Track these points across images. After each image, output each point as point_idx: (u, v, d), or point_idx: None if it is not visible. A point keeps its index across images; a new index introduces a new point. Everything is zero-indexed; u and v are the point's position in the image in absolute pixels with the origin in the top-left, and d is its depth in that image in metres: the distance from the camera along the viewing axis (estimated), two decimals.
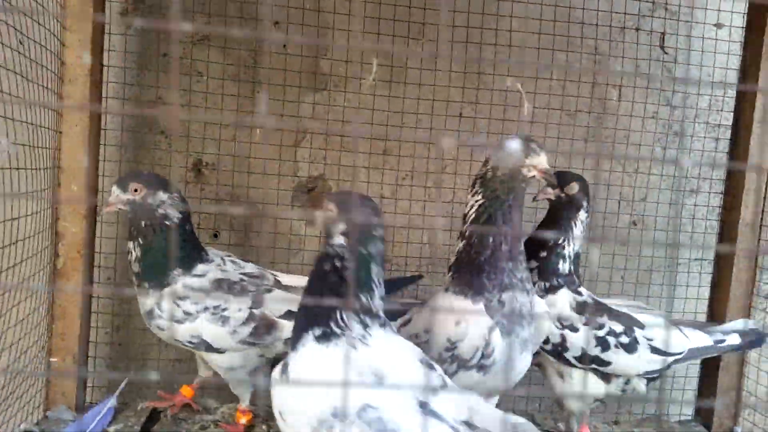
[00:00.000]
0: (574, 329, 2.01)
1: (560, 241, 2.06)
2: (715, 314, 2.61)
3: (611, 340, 2.01)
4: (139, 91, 2.45)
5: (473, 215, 1.71)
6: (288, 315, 1.96)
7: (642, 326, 2.06)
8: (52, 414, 2.18)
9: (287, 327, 1.96)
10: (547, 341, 1.99)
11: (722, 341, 2.17)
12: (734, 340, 2.18)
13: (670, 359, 2.08)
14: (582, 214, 2.11)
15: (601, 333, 2.01)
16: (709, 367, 2.61)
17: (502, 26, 2.47)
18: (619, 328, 2.03)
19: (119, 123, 2.45)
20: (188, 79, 2.47)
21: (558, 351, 2.02)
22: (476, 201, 1.71)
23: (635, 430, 2.52)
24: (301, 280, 2.09)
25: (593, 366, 2.03)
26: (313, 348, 1.31)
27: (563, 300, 2.05)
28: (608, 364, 2.02)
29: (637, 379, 2.09)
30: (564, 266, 2.07)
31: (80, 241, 2.15)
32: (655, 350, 2.05)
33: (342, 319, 1.32)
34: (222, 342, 1.94)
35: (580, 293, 2.08)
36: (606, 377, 2.07)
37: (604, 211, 2.71)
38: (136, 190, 1.88)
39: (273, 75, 2.46)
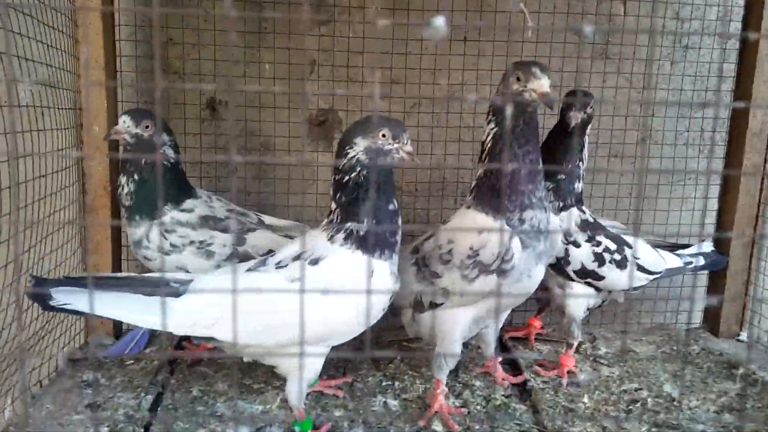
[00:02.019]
0: (577, 245, 2.12)
1: (577, 162, 2.12)
2: (724, 224, 2.68)
3: (606, 256, 2.12)
4: (150, 32, 2.50)
5: (490, 143, 1.81)
6: (269, 254, 2.01)
7: (630, 246, 2.17)
8: (93, 340, 2.39)
9: None
10: None
11: (690, 263, 2.36)
12: (700, 261, 2.38)
13: (651, 277, 2.22)
14: (588, 130, 2.17)
15: (598, 249, 2.12)
16: (717, 275, 2.69)
17: None
18: (612, 246, 2.14)
19: (134, 65, 2.52)
20: (195, 19, 2.51)
21: (560, 265, 2.12)
22: (491, 129, 1.81)
23: (643, 338, 2.64)
24: (281, 222, 2.22)
25: (588, 280, 2.15)
26: None
27: (570, 218, 2.14)
28: (602, 278, 2.14)
29: (617, 292, 2.23)
30: (578, 186, 2.15)
31: (105, 178, 2.29)
32: (640, 268, 2.18)
33: None
34: None
35: (584, 211, 2.17)
36: (597, 290, 2.19)
37: (612, 128, 2.73)
38: (147, 127, 1.98)
39: (278, 9, 2.49)
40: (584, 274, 2.14)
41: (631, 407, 2.07)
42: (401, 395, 2.08)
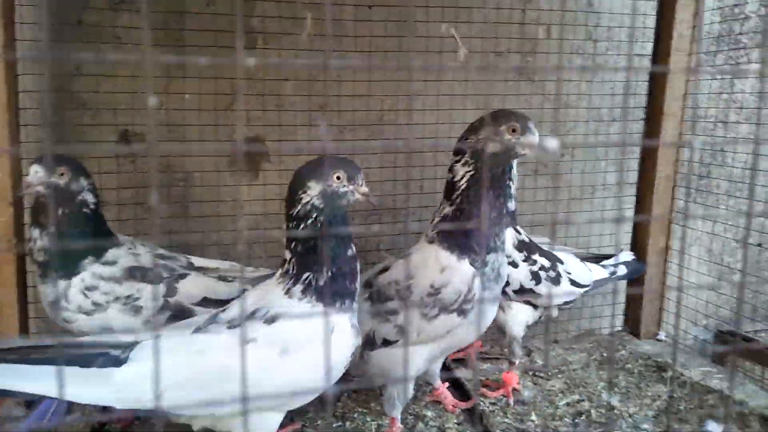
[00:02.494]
0: (516, 265, 2.16)
1: (507, 181, 2.15)
2: (640, 233, 2.86)
3: (542, 274, 2.19)
4: (56, 62, 2.26)
5: (464, 185, 1.79)
6: (204, 302, 1.89)
7: (561, 262, 2.25)
8: (1, 412, 2.10)
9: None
10: None
11: (615, 273, 2.47)
12: (622, 270, 2.50)
13: (582, 290, 2.31)
14: None
15: (534, 268, 2.18)
16: (635, 280, 2.86)
17: None
18: (547, 263, 2.21)
19: (38, 100, 2.26)
20: (109, 46, 2.30)
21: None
22: (467, 171, 1.79)
23: (574, 346, 2.77)
24: (214, 263, 2.06)
25: (527, 298, 2.20)
26: None
27: (508, 238, 2.17)
28: (539, 296, 2.19)
29: (553, 307, 2.32)
30: (512, 205, 2.18)
31: (9, 230, 2.02)
32: (573, 283, 2.26)
33: None
34: None
35: (519, 232, 2.22)
36: (534, 307, 2.25)
37: None
38: (62, 174, 1.78)
39: (201, 36, 2.33)
40: (523, 293, 2.19)
41: (577, 420, 2.15)
42: None
